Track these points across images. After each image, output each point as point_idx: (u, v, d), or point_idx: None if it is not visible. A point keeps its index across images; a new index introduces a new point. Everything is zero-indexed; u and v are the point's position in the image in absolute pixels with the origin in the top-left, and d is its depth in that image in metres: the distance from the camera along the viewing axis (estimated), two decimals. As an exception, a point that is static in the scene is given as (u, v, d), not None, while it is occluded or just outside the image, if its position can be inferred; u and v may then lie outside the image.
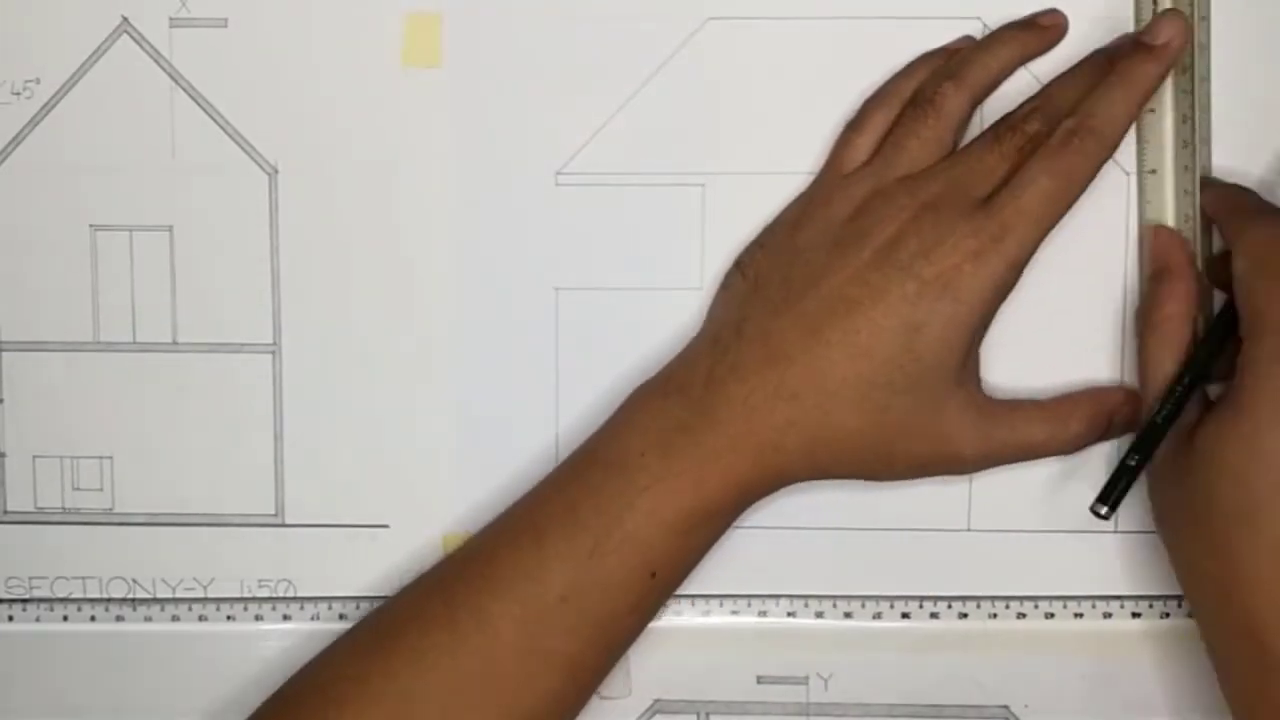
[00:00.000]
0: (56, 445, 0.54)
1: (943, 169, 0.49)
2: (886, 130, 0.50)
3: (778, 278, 0.49)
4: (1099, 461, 0.53)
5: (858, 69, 0.52)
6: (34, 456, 0.54)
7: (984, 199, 0.48)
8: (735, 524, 0.53)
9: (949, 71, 0.50)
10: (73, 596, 0.54)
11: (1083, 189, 0.48)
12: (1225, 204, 0.50)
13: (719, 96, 0.52)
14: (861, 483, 0.51)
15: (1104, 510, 0.48)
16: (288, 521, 0.54)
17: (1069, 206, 0.48)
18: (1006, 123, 0.49)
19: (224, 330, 0.54)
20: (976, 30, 0.52)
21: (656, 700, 0.54)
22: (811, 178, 0.52)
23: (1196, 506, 0.46)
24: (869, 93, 0.52)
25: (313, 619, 0.54)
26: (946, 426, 0.48)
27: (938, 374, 0.47)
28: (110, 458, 0.54)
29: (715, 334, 0.50)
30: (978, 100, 0.50)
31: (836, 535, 0.53)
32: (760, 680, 0.54)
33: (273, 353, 0.54)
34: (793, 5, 0.52)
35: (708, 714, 0.54)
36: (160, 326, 0.54)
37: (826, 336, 0.47)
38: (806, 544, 0.53)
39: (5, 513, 0.54)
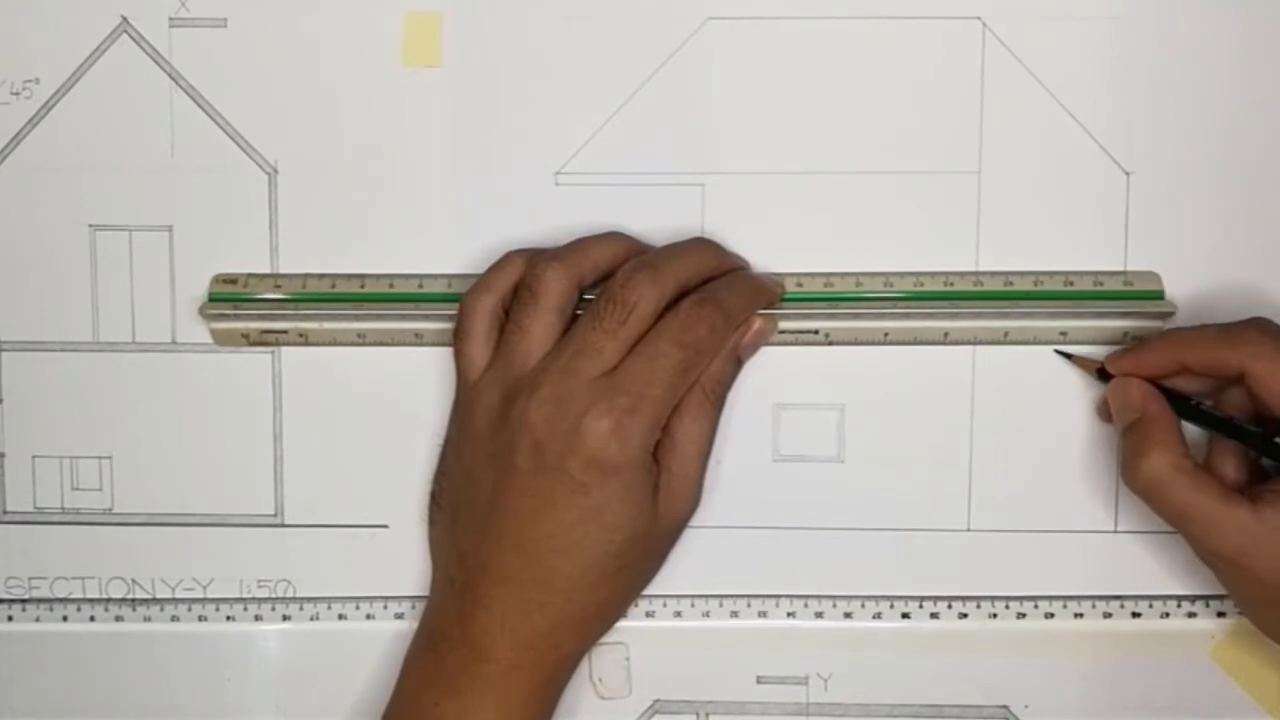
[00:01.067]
0: (56, 445, 0.54)
1: (555, 358, 0.49)
2: (495, 328, 0.50)
3: (464, 501, 0.50)
4: (1100, 461, 0.53)
5: (858, 69, 0.52)
6: (33, 456, 0.54)
7: (607, 372, 0.48)
8: (735, 524, 0.53)
9: (550, 255, 0.50)
10: (72, 597, 0.54)
11: (708, 359, 0.49)
12: (1181, 350, 0.49)
13: (719, 96, 0.52)
14: (861, 483, 0.52)
15: None
16: (287, 522, 0.54)
17: (696, 376, 0.49)
18: (607, 296, 0.49)
19: (224, 330, 0.54)
20: (976, 30, 0.52)
21: (656, 700, 0.54)
22: (811, 177, 0.52)
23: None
24: (869, 93, 0.52)
25: (312, 619, 0.54)
26: (665, 530, 0.51)
27: (638, 520, 0.49)
28: (110, 458, 0.54)
29: (447, 573, 0.51)
30: (581, 284, 0.50)
31: (837, 535, 0.53)
32: (760, 680, 0.54)
33: (273, 353, 0.54)
34: (793, 5, 0.52)
35: (708, 714, 0.54)
36: (159, 326, 0.54)
37: (532, 549, 0.49)
38: (806, 544, 0.53)
39: (5, 513, 0.54)
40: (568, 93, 0.53)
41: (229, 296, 0.53)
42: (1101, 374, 0.50)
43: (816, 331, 0.52)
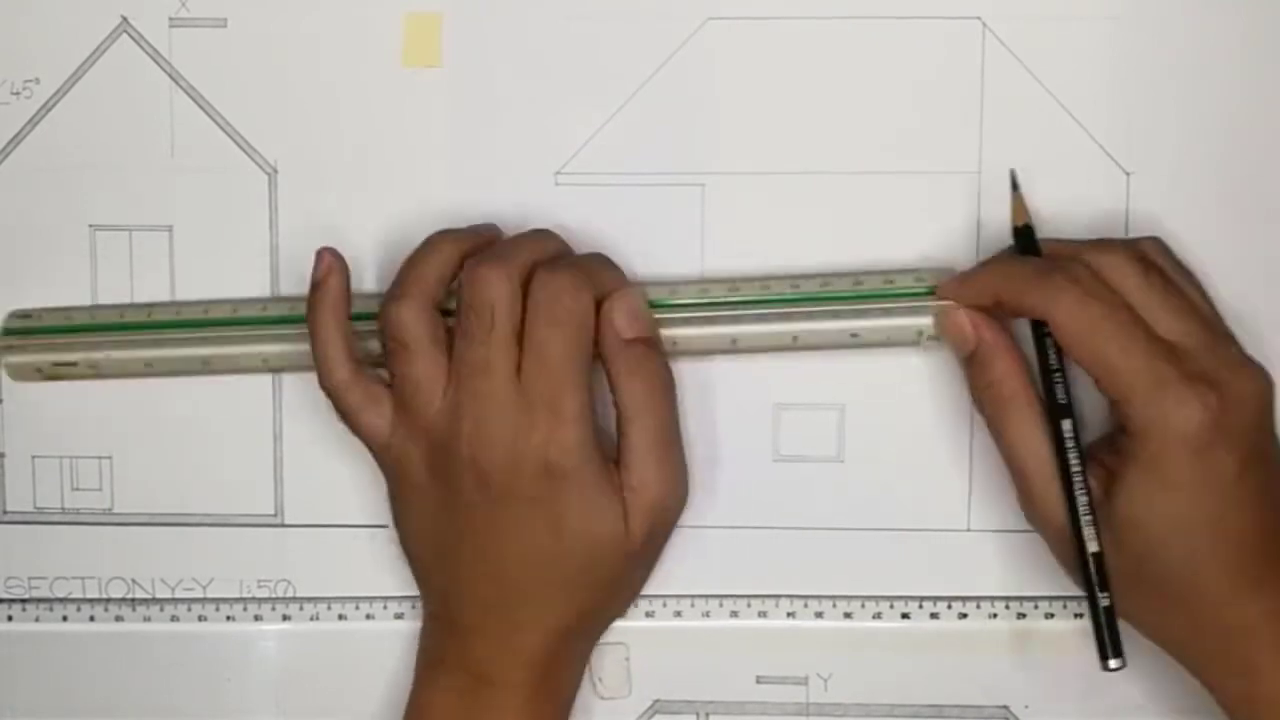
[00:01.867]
0: (56, 445, 0.54)
1: (455, 389, 0.48)
2: (369, 384, 0.49)
3: (428, 548, 0.50)
4: (1099, 461, 0.53)
5: (858, 69, 0.52)
6: (33, 457, 0.54)
7: (511, 376, 0.47)
8: (735, 524, 0.53)
9: (390, 294, 0.49)
10: (72, 597, 0.54)
11: (590, 322, 0.48)
12: (998, 281, 0.48)
13: (719, 96, 0.52)
14: (861, 483, 0.52)
15: (1116, 664, 0.48)
16: (287, 522, 0.54)
17: (589, 342, 0.48)
18: (464, 307, 0.48)
19: (224, 330, 0.54)
20: (976, 30, 0.52)
21: (656, 700, 0.54)
22: (811, 177, 0.52)
23: (1142, 573, 0.47)
24: (869, 93, 0.52)
25: (312, 619, 0.54)
26: (644, 517, 0.49)
27: (604, 518, 0.48)
28: (109, 458, 0.54)
29: (432, 610, 0.51)
30: (436, 304, 0.49)
31: (837, 535, 0.53)
32: (760, 680, 0.54)
33: (272, 353, 0.54)
34: (793, 5, 0.52)
35: (708, 714, 0.54)
36: (160, 326, 0.54)
37: (508, 573, 0.48)
38: (806, 544, 0.53)
39: (5, 513, 0.54)
40: (568, 93, 0.53)
41: (20, 330, 0.53)
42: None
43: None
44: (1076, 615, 0.53)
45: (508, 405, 0.47)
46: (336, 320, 0.49)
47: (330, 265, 0.49)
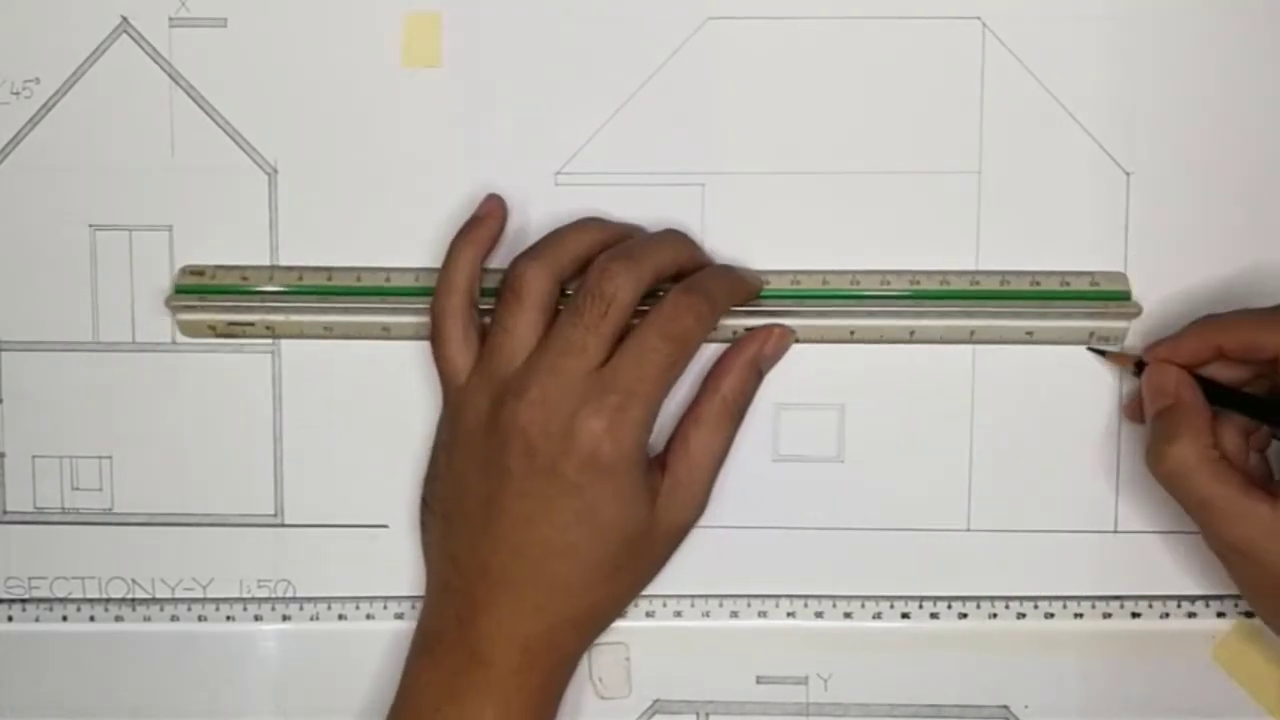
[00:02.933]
0: (56, 445, 0.54)
1: (541, 357, 0.49)
2: (471, 325, 0.51)
3: (456, 506, 0.50)
4: (1100, 462, 0.53)
5: (858, 69, 0.52)
6: (33, 456, 0.54)
7: (595, 368, 0.48)
8: (735, 524, 0.53)
9: (529, 252, 0.50)
10: (72, 597, 0.54)
11: (696, 349, 0.50)
12: (1217, 330, 0.49)
13: (719, 96, 0.52)
14: (861, 483, 0.52)
15: None
16: (287, 522, 0.54)
17: (685, 367, 0.49)
18: (585, 289, 0.49)
19: (224, 330, 0.54)
20: (976, 30, 0.52)
21: (656, 700, 0.54)
22: (811, 177, 0.52)
23: None
24: (869, 93, 0.52)
25: (312, 619, 0.54)
26: (666, 535, 0.51)
27: (634, 521, 0.49)
28: (109, 458, 0.54)
29: (443, 578, 0.51)
30: (562, 278, 0.50)
31: (837, 535, 0.53)
32: (760, 680, 0.54)
33: (272, 352, 0.54)
34: (793, 5, 0.52)
35: (708, 714, 0.54)
36: (160, 326, 0.54)
37: (528, 552, 0.49)
38: (806, 544, 0.53)
39: (5, 513, 0.54)
40: (568, 93, 0.53)
41: (195, 289, 0.53)
42: (1138, 369, 0.50)
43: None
44: (1076, 615, 0.53)
45: (580, 387, 0.48)
46: (474, 253, 0.51)
47: (492, 210, 0.52)
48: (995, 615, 0.53)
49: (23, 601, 0.54)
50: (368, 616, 0.54)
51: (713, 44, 0.52)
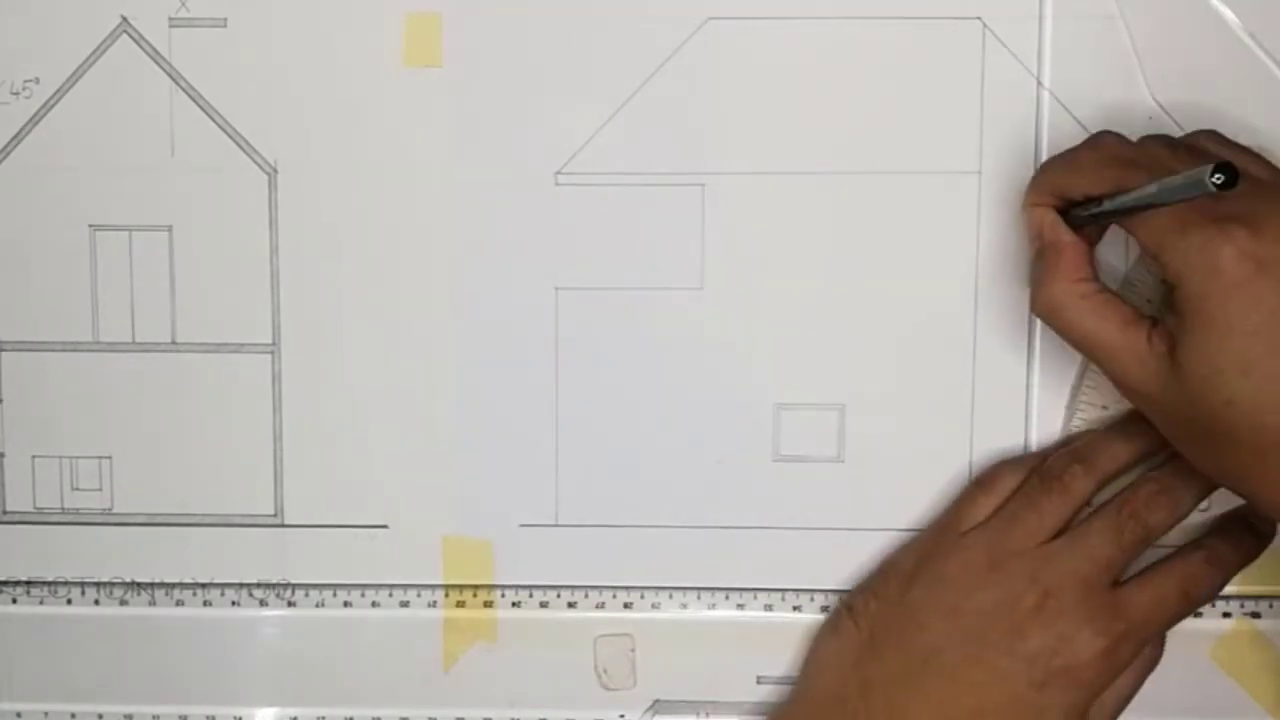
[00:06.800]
0: (55, 445, 0.54)
1: (1062, 551, 0.48)
2: (1009, 495, 0.50)
3: (893, 638, 0.49)
4: (1099, 461, 0.53)
5: (858, 69, 0.52)
6: (33, 456, 0.54)
7: (1107, 586, 0.48)
8: (735, 524, 0.53)
9: (1079, 454, 0.50)
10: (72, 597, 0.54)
11: (1211, 600, 0.50)
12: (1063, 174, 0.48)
13: (719, 96, 0.52)
14: (861, 483, 0.52)
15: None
16: (287, 522, 0.54)
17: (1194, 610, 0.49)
18: (1129, 510, 0.48)
19: (223, 330, 0.54)
20: (976, 30, 0.52)
21: (656, 700, 0.54)
22: (811, 178, 0.52)
23: (1216, 427, 0.44)
24: (869, 93, 0.52)
25: (317, 606, 0.54)
26: None
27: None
28: (109, 458, 0.54)
29: (839, 693, 0.50)
30: (1102, 485, 0.50)
31: (837, 535, 0.53)
32: (760, 680, 0.54)
33: (272, 353, 0.54)
34: (793, 5, 0.52)
35: (708, 714, 0.54)
36: (159, 326, 0.54)
37: (953, 716, 0.48)
38: (806, 545, 0.53)
39: (4, 513, 0.54)
40: (568, 93, 0.53)
41: None
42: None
43: None
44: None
45: (1094, 599, 0.48)
46: (1061, 469, 0.50)
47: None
48: (995, 615, 0.53)
49: (27, 585, 0.54)
50: (373, 605, 0.54)
51: (713, 44, 0.52)
